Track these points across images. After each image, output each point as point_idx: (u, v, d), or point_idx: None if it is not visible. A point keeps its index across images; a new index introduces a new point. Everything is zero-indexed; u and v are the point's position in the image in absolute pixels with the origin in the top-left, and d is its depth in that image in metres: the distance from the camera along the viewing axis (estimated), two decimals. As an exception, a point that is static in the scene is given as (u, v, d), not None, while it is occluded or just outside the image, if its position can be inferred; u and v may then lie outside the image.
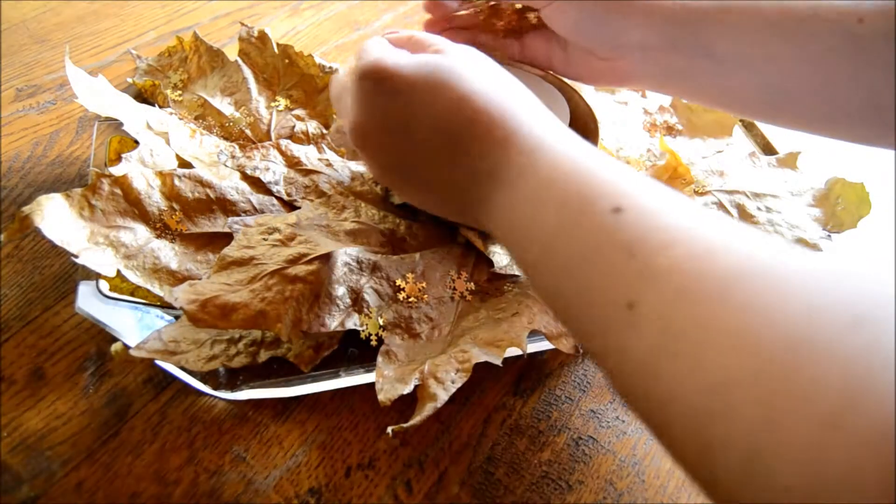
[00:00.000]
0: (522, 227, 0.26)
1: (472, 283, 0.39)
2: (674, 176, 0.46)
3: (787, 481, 0.15)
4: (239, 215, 0.39)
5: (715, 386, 0.17)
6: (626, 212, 0.22)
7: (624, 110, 0.52)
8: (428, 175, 0.31)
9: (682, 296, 0.19)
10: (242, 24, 0.49)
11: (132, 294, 0.35)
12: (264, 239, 0.36)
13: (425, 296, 0.38)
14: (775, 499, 0.15)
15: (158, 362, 0.34)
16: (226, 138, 0.45)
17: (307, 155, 0.43)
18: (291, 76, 0.49)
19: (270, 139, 0.45)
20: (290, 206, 0.41)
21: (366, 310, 0.36)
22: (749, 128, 0.54)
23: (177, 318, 0.34)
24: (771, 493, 0.15)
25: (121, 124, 0.41)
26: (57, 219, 0.34)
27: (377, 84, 0.29)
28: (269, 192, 0.41)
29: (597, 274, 0.22)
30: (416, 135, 0.29)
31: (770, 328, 0.17)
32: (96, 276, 0.34)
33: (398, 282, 0.37)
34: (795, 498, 0.15)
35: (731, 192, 0.46)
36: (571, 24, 0.35)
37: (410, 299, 0.37)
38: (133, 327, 0.33)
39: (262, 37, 0.49)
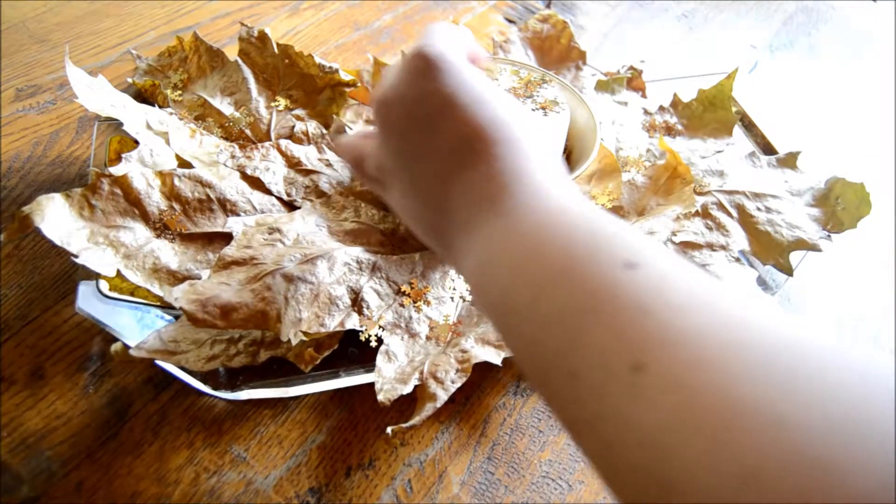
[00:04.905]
0: (508, 266, 0.23)
1: (472, 283, 0.39)
2: (674, 175, 0.46)
3: None
4: (239, 215, 0.39)
5: (747, 471, 0.15)
6: (640, 269, 0.20)
7: (624, 110, 0.52)
8: (422, 176, 0.28)
9: (704, 364, 0.17)
10: (242, 24, 0.49)
11: (132, 294, 0.35)
12: (264, 239, 0.36)
13: (425, 296, 0.38)
14: None
15: (158, 362, 0.34)
16: (226, 138, 0.45)
17: (307, 155, 0.43)
18: (291, 76, 0.49)
19: (270, 139, 0.45)
20: (290, 206, 0.41)
21: (365, 310, 0.36)
22: (749, 128, 0.54)
23: (177, 318, 0.34)
24: None
25: (121, 124, 0.41)
26: (57, 219, 0.34)
27: (424, 66, 0.27)
28: (269, 192, 0.41)
29: (598, 328, 0.19)
30: (434, 135, 0.27)
31: (809, 411, 0.15)
32: (96, 276, 0.34)
33: (403, 288, 0.37)
34: None
35: (731, 193, 0.46)
36: None
37: (416, 304, 0.37)
38: (133, 327, 0.33)
39: (262, 37, 0.49)
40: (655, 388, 0.17)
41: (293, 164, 0.43)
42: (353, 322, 0.35)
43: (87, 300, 0.33)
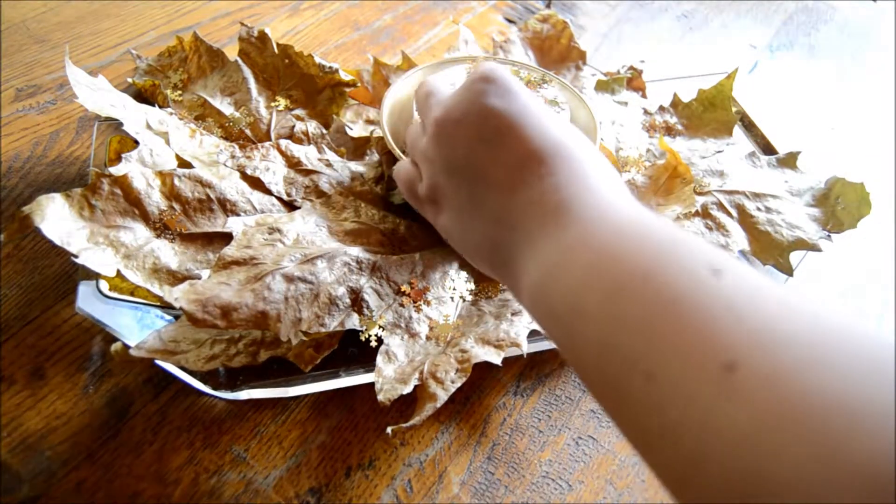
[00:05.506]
0: (579, 270, 0.23)
1: (472, 283, 0.39)
2: (674, 175, 0.46)
3: None
4: (239, 215, 0.39)
5: (861, 469, 0.15)
6: (726, 275, 0.20)
7: (624, 110, 0.52)
8: (485, 190, 0.29)
9: (806, 367, 0.17)
10: (242, 24, 0.49)
11: (132, 294, 0.35)
12: (264, 239, 0.36)
13: (425, 296, 0.38)
14: None
15: (158, 362, 0.34)
16: (226, 138, 0.45)
17: (307, 155, 0.43)
18: (291, 76, 0.49)
19: (270, 139, 0.45)
20: (290, 206, 0.41)
21: (365, 310, 0.36)
22: (749, 128, 0.54)
23: (177, 318, 0.34)
24: None
25: (121, 124, 0.41)
26: (57, 219, 0.34)
27: (491, 86, 0.29)
28: (269, 192, 0.41)
29: (684, 330, 0.19)
30: (500, 151, 0.28)
31: None
32: (96, 276, 0.34)
33: (403, 288, 0.37)
34: None
35: (730, 193, 0.46)
36: None
37: (416, 304, 0.37)
38: (133, 327, 0.33)
39: (262, 37, 0.49)
40: (751, 387, 0.17)
41: (293, 164, 0.43)
42: (353, 322, 0.35)
43: (87, 300, 0.33)
